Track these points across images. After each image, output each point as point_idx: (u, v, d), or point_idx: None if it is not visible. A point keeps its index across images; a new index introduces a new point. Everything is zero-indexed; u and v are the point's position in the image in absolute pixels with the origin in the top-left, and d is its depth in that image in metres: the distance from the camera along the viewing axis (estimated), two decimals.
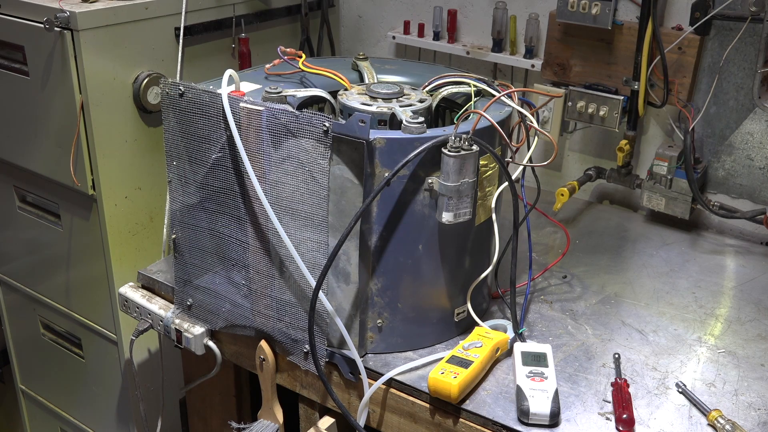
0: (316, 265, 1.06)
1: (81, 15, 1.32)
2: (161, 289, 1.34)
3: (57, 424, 1.91)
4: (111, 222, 1.49)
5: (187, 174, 1.15)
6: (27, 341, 1.87)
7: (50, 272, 1.68)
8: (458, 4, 1.75)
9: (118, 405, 1.71)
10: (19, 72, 1.44)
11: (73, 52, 1.34)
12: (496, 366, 1.10)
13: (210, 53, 1.59)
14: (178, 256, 1.22)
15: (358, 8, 1.94)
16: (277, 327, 1.15)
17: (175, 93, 1.11)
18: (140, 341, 1.38)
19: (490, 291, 1.25)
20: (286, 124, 1.02)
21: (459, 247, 1.12)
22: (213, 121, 1.09)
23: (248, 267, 1.14)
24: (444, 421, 1.05)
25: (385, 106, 1.13)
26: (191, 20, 1.52)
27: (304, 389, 1.19)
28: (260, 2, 1.69)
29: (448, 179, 1.01)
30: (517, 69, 1.71)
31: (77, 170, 1.43)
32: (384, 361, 1.12)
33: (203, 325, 1.24)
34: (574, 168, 1.72)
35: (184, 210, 1.18)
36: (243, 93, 1.11)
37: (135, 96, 1.45)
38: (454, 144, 1.00)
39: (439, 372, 1.03)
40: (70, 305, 1.67)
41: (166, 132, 1.15)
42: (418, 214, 1.06)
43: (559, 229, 1.49)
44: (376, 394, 1.09)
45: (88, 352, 1.71)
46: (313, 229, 1.05)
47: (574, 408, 1.03)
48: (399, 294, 1.10)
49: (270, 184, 1.06)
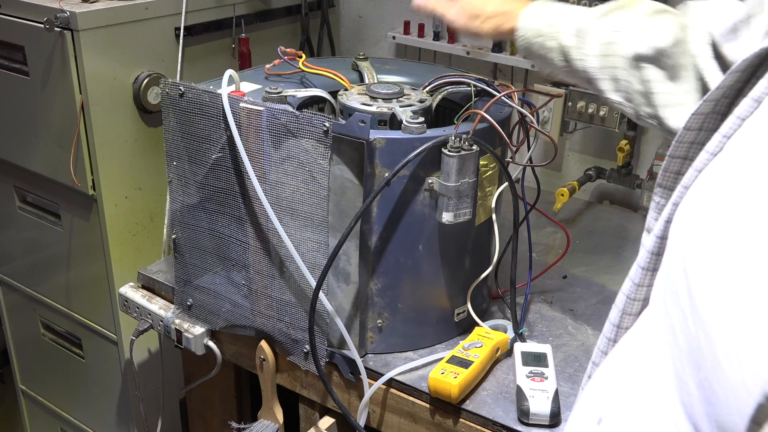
0: (316, 265, 1.06)
1: (81, 15, 1.32)
2: (161, 289, 1.34)
3: (57, 424, 1.91)
4: (111, 222, 1.49)
5: (187, 174, 1.15)
6: (27, 341, 1.87)
7: (50, 272, 1.68)
8: None
9: (118, 405, 1.71)
10: (19, 72, 1.44)
11: (73, 52, 1.34)
12: (496, 366, 1.10)
13: (210, 53, 1.59)
14: (178, 256, 1.22)
15: (358, 8, 1.94)
16: (278, 327, 1.15)
17: (175, 93, 1.11)
18: (140, 341, 1.38)
19: (490, 291, 1.25)
20: (286, 124, 1.02)
21: (459, 247, 1.12)
22: (213, 121, 1.09)
23: (248, 267, 1.14)
24: (444, 421, 1.05)
25: (385, 106, 1.13)
26: (191, 20, 1.52)
27: (304, 389, 1.19)
28: (260, 2, 1.69)
29: (448, 179, 1.01)
30: (517, 69, 1.71)
31: (77, 170, 1.43)
32: (384, 361, 1.12)
33: (203, 325, 1.24)
34: (574, 168, 1.72)
35: (184, 210, 1.18)
36: (243, 93, 1.11)
37: (135, 96, 1.45)
38: (454, 144, 1.00)
39: (439, 372, 1.03)
40: (71, 305, 1.67)
41: (166, 132, 1.15)
42: (418, 214, 1.06)
43: (559, 229, 1.49)
44: (376, 394, 1.10)
45: (88, 352, 1.71)
46: (313, 229, 1.05)
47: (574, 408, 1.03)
48: (399, 294, 1.10)
49: (270, 184, 1.06)
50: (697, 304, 0.45)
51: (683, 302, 0.47)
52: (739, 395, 0.40)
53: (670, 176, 0.61)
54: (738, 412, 0.40)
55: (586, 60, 0.94)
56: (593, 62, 0.93)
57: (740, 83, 0.55)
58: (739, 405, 0.40)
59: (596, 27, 0.94)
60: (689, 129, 0.59)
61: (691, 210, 0.50)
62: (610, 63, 0.92)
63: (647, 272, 0.59)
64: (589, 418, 0.56)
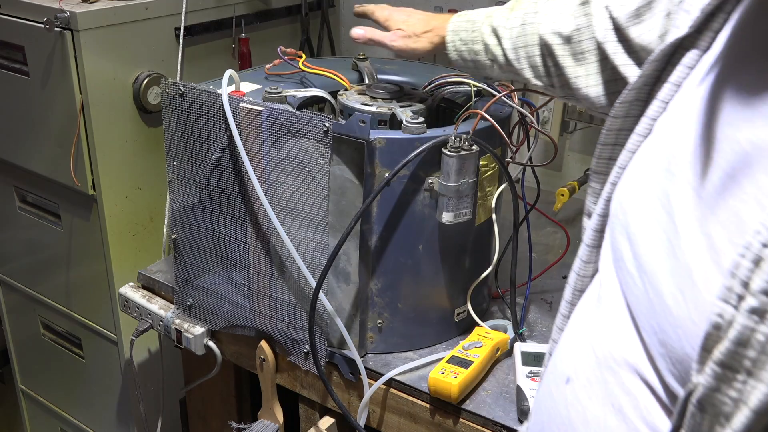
0: (316, 266, 1.06)
1: (81, 15, 1.32)
2: (161, 289, 1.34)
3: (57, 424, 1.91)
4: (111, 222, 1.49)
5: (187, 174, 1.15)
6: (27, 341, 1.87)
7: (50, 272, 1.68)
8: (458, 4, 1.75)
9: (118, 405, 1.71)
10: (19, 72, 1.44)
11: (73, 52, 1.34)
12: (496, 366, 1.11)
13: (210, 53, 1.59)
14: (178, 256, 1.22)
15: None
16: (278, 327, 1.15)
17: (175, 93, 1.11)
18: (140, 341, 1.38)
19: (490, 291, 1.25)
20: (286, 124, 1.02)
21: (459, 247, 1.12)
22: (213, 121, 1.09)
23: (248, 267, 1.14)
24: (444, 421, 1.05)
25: (385, 106, 1.13)
26: (191, 20, 1.52)
27: (304, 389, 1.19)
28: (260, 2, 1.69)
29: (448, 179, 1.01)
30: None
31: (77, 170, 1.43)
32: (384, 361, 1.12)
33: (203, 325, 1.24)
34: (574, 168, 1.72)
35: (184, 210, 1.18)
36: (243, 93, 1.11)
37: (135, 96, 1.45)
38: (454, 144, 1.00)
39: (439, 372, 1.03)
40: (71, 305, 1.67)
41: (166, 132, 1.15)
42: (418, 214, 1.06)
43: (559, 229, 1.49)
44: (376, 394, 1.09)
45: (88, 352, 1.71)
46: (313, 230, 1.05)
47: None
48: (399, 294, 1.10)
49: (270, 184, 1.06)
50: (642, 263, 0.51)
51: (629, 265, 0.53)
52: (688, 329, 0.45)
53: (602, 162, 0.67)
54: (689, 344, 0.45)
55: (507, 53, 1.00)
56: (512, 54, 1.00)
57: (657, 71, 0.60)
58: (689, 337, 0.45)
59: (509, 22, 1.00)
60: (616, 117, 0.64)
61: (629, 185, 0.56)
62: (525, 53, 0.99)
63: (593, 249, 0.65)
64: (558, 379, 0.61)
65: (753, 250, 0.39)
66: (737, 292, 0.39)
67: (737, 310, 0.39)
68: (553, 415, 0.60)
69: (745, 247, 0.39)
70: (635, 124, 0.62)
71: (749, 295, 0.39)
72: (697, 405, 0.42)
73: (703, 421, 0.41)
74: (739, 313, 0.39)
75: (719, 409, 0.40)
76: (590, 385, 0.56)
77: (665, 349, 0.48)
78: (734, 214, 0.44)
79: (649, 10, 0.83)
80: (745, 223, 0.42)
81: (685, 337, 0.45)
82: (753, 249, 0.39)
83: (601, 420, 0.54)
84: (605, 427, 0.53)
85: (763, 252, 0.38)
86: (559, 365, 0.62)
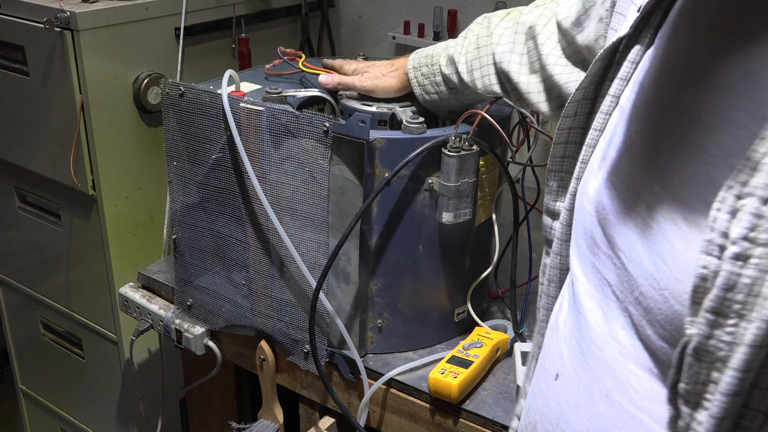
0: (316, 266, 1.06)
1: (81, 15, 1.32)
2: (161, 289, 1.34)
3: (57, 424, 1.91)
4: (111, 222, 1.49)
5: (187, 174, 1.15)
6: (27, 341, 1.87)
7: (50, 272, 1.68)
8: (458, 4, 1.75)
9: (118, 405, 1.71)
10: (19, 72, 1.44)
11: (73, 52, 1.34)
12: (496, 366, 1.11)
13: (210, 53, 1.59)
14: (178, 256, 1.22)
15: (358, 8, 1.94)
16: (278, 327, 1.15)
17: (175, 93, 1.11)
18: (140, 341, 1.38)
19: (490, 291, 1.25)
20: (286, 124, 1.02)
21: (459, 247, 1.12)
22: (213, 121, 1.09)
23: (248, 267, 1.14)
24: (444, 421, 1.05)
25: (385, 107, 1.13)
26: (191, 20, 1.52)
27: (304, 389, 1.19)
28: (260, 2, 1.69)
29: (448, 179, 1.01)
30: None
31: (77, 170, 1.43)
32: (384, 361, 1.12)
33: (203, 325, 1.24)
34: None
35: (185, 210, 1.18)
36: (243, 93, 1.11)
37: (135, 96, 1.45)
38: (454, 144, 1.00)
39: (439, 372, 1.03)
40: (70, 305, 1.67)
41: (166, 132, 1.15)
42: (418, 214, 1.06)
43: None
44: (377, 394, 1.10)
45: (88, 352, 1.71)
46: (313, 230, 1.05)
47: None
48: (399, 294, 1.10)
49: (270, 185, 1.06)
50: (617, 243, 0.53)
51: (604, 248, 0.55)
52: (674, 288, 0.47)
53: (556, 160, 0.70)
54: (677, 301, 0.46)
55: (462, 76, 1.05)
56: (467, 77, 1.04)
57: (602, 70, 0.63)
58: (676, 295, 0.46)
59: (463, 48, 1.05)
60: (566, 116, 0.67)
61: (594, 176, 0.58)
62: (480, 74, 1.04)
63: (562, 243, 0.67)
64: (548, 378, 0.62)
65: (728, 203, 0.41)
66: (718, 243, 0.41)
67: (720, 259, 0.41)
68: (545, 412, 0.61)
69: (720, 201, 0.42)
70: (586, 122, 0.66)
71: (730, 243, 0.41)
72: (694, 354, 0.43)
73: (701, 369, 0.43)
74: (724, 261, 0.41)
75: (715, 355, 0.42)
76: (578, 376, 0.57)
77: (651, 315, 0.49)
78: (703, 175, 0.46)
79: (587, 17, 0.89)
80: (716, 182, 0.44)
81: (672, 297, 0.47)
82: (728, 202, 0.41)
83: (591, 408, 0.55)
84: (596, 414, 0.54)
85: (737, 203, 0.41)
86: (547, 364, 0.64)
